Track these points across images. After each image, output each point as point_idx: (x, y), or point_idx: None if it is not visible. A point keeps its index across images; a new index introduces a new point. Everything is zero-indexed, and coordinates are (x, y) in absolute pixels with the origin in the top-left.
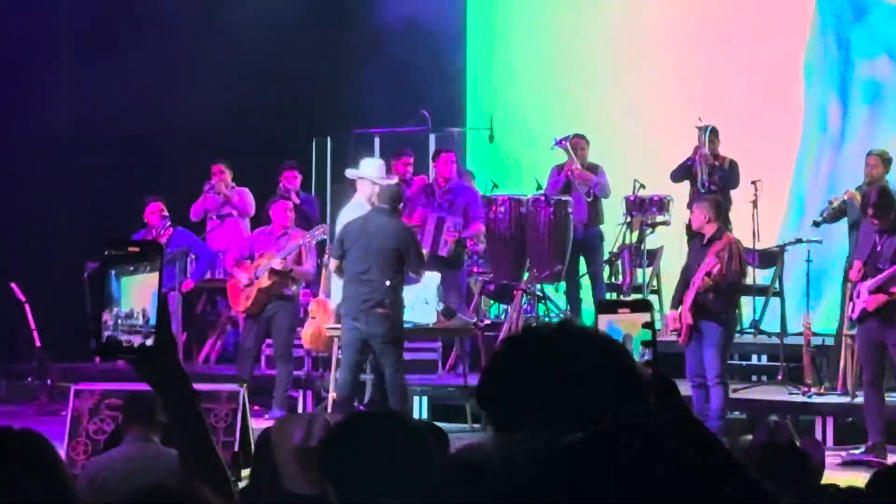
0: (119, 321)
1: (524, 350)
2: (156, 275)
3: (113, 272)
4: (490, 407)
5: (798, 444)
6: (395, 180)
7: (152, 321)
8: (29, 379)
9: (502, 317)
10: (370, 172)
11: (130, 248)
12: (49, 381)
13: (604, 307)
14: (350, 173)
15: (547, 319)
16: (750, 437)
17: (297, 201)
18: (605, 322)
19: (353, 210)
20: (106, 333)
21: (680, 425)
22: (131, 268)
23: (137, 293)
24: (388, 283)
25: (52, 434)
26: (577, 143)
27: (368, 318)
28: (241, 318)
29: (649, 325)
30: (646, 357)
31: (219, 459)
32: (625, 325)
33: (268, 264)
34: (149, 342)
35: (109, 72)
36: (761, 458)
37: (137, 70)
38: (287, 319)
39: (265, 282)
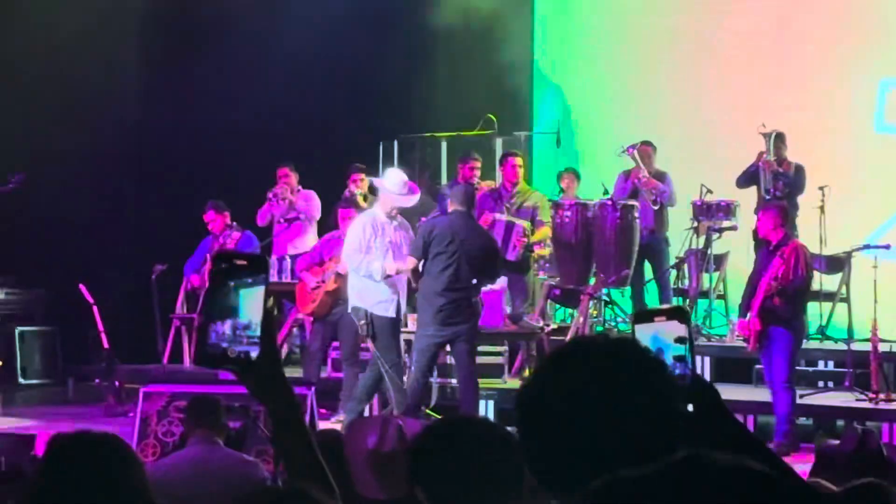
0: (237, 332)
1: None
2: (263, 287)
3: (232, 283)
4: (527, 419)
5: (885, 452)
6: (415, 199)
7: None
8: (97, 380)
9: (568, 321)
10: (391, 186)
11: (238, 262)
12: (117, 383)
13: (640, 317)
14: (375, 181)
15: (613, 325)
16: (836, 441)
17: (364, 206)
18: (647, 332)
19: (367, 219)
20: (224, 344)
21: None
22: (249, 280)
23: (254, 305)
24: (474, 281)
25: (120, 436)
26: (644, 151)
27: (457, 318)
28: (307, 321)
29: (683, 340)
30: (677, 371)
31: (322, 463)
32: (665, 336)
33: (335, 268)
34: (253, 354)
35: (176, 78)
36: (849, 465)
37: (204, 76)
38: (354, 323)
39: (331, 285)
